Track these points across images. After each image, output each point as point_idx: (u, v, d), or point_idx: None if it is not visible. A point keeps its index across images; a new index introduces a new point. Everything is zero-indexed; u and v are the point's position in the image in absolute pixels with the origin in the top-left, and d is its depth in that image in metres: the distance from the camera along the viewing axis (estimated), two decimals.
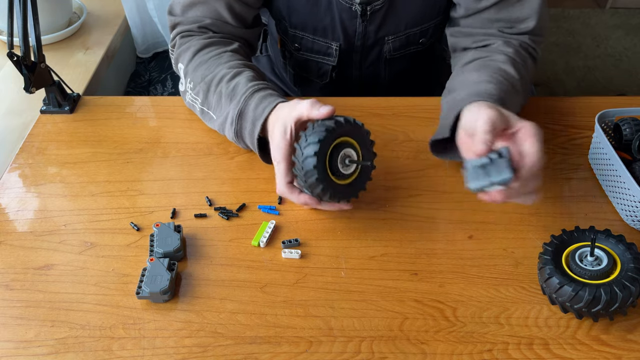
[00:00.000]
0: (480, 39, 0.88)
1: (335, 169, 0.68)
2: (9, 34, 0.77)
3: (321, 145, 0.65)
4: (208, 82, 0.81)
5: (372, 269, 0.68)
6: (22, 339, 0.61)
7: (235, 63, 0.83)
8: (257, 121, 0.75)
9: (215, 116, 0.81)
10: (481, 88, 0.75)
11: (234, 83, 0.79)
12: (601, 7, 2.69)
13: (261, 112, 0.75)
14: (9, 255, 0.70)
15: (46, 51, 0.85)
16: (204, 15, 0.87)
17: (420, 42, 0.98)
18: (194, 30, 0.88)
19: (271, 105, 0.75)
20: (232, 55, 0.85)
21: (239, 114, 0.76)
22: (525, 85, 0.83)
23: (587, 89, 2.21)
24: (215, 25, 0.88)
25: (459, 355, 0.60)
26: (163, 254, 0.67)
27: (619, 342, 0.61)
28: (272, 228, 0.72)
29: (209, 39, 0.87)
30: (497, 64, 0.81)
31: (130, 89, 1.34)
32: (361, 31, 0.93)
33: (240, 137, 0.78)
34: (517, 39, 0.86)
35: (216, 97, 0.80)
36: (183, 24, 0.88)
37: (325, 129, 0.66)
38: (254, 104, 0.76)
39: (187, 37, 0.88)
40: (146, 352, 0.60)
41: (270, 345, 0.61)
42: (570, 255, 0.63)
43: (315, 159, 0.65)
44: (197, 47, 0.85)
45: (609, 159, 0.75)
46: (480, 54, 0.85)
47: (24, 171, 0.81)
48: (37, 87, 0.84)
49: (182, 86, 0.87)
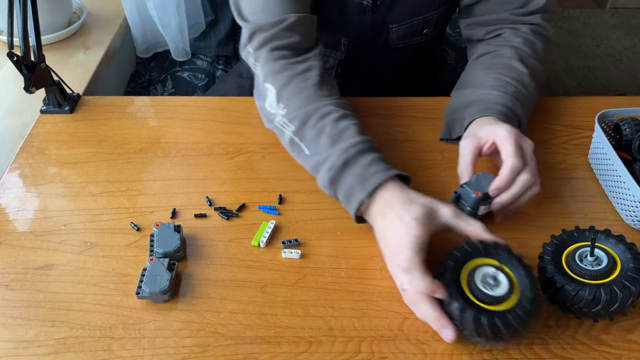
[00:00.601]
0: (492, 29, 0.90)
1: (479, 293, 0.59)
2: (9, 34, 0.77)
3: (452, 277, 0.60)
4: (308, 113, 0.74)
5: (372, 269, 0.68)
6: (22, 339, 0.61)
7: (337, 101, 0.76)
8: (365, 183, 0.67)
9: (310, 152, 0.74)
10: (487, 95, 0.80)
11: (341, 126, 0.72)
12: (601, 7, 2.69)
13: (371, 174, 0.68)
14: (9, 255, 0.70)
15: (46, 51, 0.85)
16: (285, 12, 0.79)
17: (424, 32, 0.98)
18: (280, 36, 0.79)
19: (387, 172, 0.68)
20: (331, 88, 0.79)
21: (343, 163, 0.69)
22: (537, 74, 0.85)
23: (587, 89, 2.21)
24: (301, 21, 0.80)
25: (459, 355, 0.60)
26: (163, 254, 0.67)
27: (619, 342, 0.61)
28: (272, 228, 0.72)
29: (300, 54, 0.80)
30: (504, 61, 0.84)
31: (130, 89, 1.34)
32: (369, 24, 0.93)
33: (333, 186, 0.71)
34: (527, 21, 0.88)
35: (314, 131, 0.73)
36: (264, 30, 0.79)
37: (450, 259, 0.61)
38: (365, 161, 0.69)
39: (276, 50, 0.79)
40: (146, 352, 0.60)
41: (270, 345, 0.61)
42: (570, 255, 0.63)
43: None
44: (294, 72, 0.77)
45: (609, 159, 0.75)
46: (489, 48, 0.88)
47: (24, 171, 0.81)
48: (37, 87, 0.84)
49: (272, 109, 0.78)
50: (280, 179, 0.80)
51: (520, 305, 0.57)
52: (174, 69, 1.39)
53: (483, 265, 0.60)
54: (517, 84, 0.81)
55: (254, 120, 0.89)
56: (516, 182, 0.69)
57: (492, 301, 0.58)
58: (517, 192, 0.69)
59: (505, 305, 0.58)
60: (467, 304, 0.57)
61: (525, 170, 0.70)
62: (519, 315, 0.56)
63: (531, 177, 0.70)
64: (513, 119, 0.78)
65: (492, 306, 0.58)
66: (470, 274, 0.60)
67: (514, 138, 0.70)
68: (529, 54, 0.85)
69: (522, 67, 0.83)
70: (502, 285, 0.59)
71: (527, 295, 0.57)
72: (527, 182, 0.69)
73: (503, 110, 0.77)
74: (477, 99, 0.80)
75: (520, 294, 0.58)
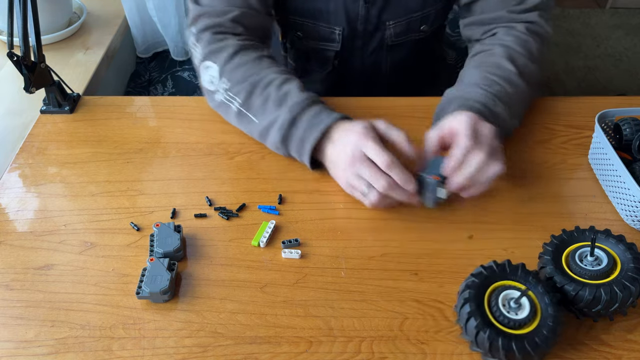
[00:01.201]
0: (488, 29, 0.91)
1: (502, 317, 0.58)
2: (9, 34, 0.77)
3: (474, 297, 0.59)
4: (253, 83, 0.79)
5: (372, 269, 0.68)
6: (22, 339, 0.61)
7: (279, 69, 0.82)
8: (313, 128, 0.75)
9: (257, 120, 0.79)
10: (470, 92, 0.81)
11: (285, 89, 0.78)
12: (601, 7, 2.69)
13: (319, 121, 0.75)
14: (9, 255, 0.70)
15: (46, 51, 0.85)
16: (233, 4, 0.84)
17: (421, 29, 0.98)
18: (225, 25, 0.84)
19: (333, 115, 0.76)
20: (271, 60, 0.84)
21: (291, 119, 0.76)
22: (528, 73, 0.85)
23: (587, 89, 2.21)
24: (246, 16, 0.86)
25: (459, 355, 0.60)
26: (163, 254, 0.67)
27: (619, 342, 0.61)
28: (272, 228, 0.72)
29: (244, 40, 0.85)
30: (493, 59, 0.85)
31: (130, 89, 1.34)
32: (364, 14, 0.93)
33: (285, 142, 0.77)
34: (523, 19, 0.88)
35: (261, 99, 0.79)
36: (210, 16, 0.84)
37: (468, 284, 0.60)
38: (312, 112, 0.76)
39: (220, 33, 0.84)
40: (146, 352, 0.60)
41: (270, 345, 0.61)
42: (570, 255, 0.63)
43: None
44: (236, 48, 0.83)
45: (609, 159, 0.75)
46: (483, 47, 0.89)
47: (24, 171, 0.81)
48: (37, 87, 0.84)
49: (212, 85, 0.83)
50: (280, 179, 0.80)
51: (538, 332, 0.56)
52: (174, 69, 1.39)
53: (504, 289, 0.59)
54: (503, 83, 0.81)
55: None
56: (469, 161, 0.70)
57: (517, 325, 0.56)
58: (471, 171, 0.69)
59: (530, 326, 0.57)
60: (485, 324, 0.56)
61: (478, 149, 0.70)
62: (545, 335, 0.55)
63: (484, 156, 0.69)
64: (489, 117, 0.77)
65: (517, 330, 0.56)
66: (493, 299, 0.58)
67: (469, 122, 0.71)
68: (520, 53, 0.85)
69: (510, 65, 0.83)
70: (524, 309, 0.58)
71: (547, 324, 0.56)
72: (480, 160, 0.69)
73: (479, 108, 0.77)
74: (461, 95, 0.81)
75: (541, 320, 0.57)
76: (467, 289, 0.59)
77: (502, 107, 0.79)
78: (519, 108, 0.85)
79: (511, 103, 0.81)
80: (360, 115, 0.81)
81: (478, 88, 0.80)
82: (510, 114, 0.81)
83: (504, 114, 0.79)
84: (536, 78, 0.87)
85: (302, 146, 0.76)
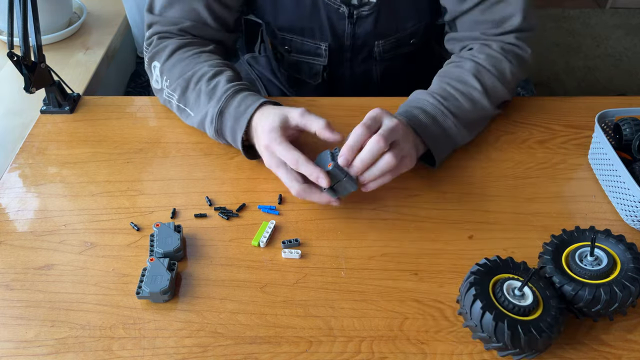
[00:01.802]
0: (465, 44, 0.90)
1: (507, 303, 0.58)
2: (9, 34, 0.77)
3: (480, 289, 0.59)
4: (187, 79, 0.82)
5: (372, 269, 0.68)
6: (22, 339, 0.61)
7: (214, 62, 0.84)
8: (240, 119, 0.76)
9: (193, 113, 0.82)
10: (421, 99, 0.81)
11: (214, 82, 0.80)
12: (601, 7, 2.69)
13: (243, 110, 0.76)
14: (9, 255, 0.70)
15: (46, 51, 0.85)
16: (183, 17, 0.87)
17: (411, 42, 0.98)
18: (172, 32, 0.88)
19: (255, 104, 0.76)
20: (210, 55, 0.86)
21: (219, 112, 0.78)
22: (494, 94, 0.84)
23: (587, 89, 2.21)
24: (195, 28, 0.88)
25: (459, 355, 0.60)
26: (163, 254, 0.67)
27: (619, 342, 0.61)
28: (272, 228, 0.72)
29: (186, 39, 0.87)
30: (459, 72, 0.84)
31: (130, 89, 1.34)
32: (350, 32, 0.93)
33: (221, 135, 0.79)
34: (499, 40, 0.86)
35: (194, 94, 0.81)
36: (161, 24, 0.88)
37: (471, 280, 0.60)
38: (235, 103, 0.77)
39: (165, 38, 0.88)
40: (146, 352, 0.60)
41: (270, 345, 0.61)
42: (570, 255, 0.63)
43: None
44: (175, 46, 0.85)
45: (609, 159, 0.75)
46: (454, 59, 0.88)
47: (24, 171, 0.81)
48: (37, 87, 0.84)
49: (158, 84, 0.87)
50: (280, 179, 0.79)
51: (543, 319, 0.56)
52: None
53: (507, 279, 0.60)
54: (460, 98, 0.81)
55: None
56: (365, 147, 0.67)
57: (522, 312, 0.57)
58: (367, 156, 0.67)
59: (534, 314, 0.57)
60: (490, 306, 0.56)
61: (374, 137, 0.67)
62: (541, 327, 0.56)
63: (381, 141, 0.67)
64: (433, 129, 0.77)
65: (522, 317, 0.57)
66: (497, 287, 0.59)
67: (373, 114, 0.70)
68: (489, 72, 0.83)
69: (475, 82, 0.82)
70: (528, 299, 0.58)
71: (551, 313, 0.57)
72: (376, 146, 0.67)
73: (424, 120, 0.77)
74: (412, 98, 0.82)
75: (544, 310, 0.57)
76: (472, 275, 0.60)
77: (452, 121, 0.79)
78: (473, 128, 0.83)
79: (464, 118, 0.80)
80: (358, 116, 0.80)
81: (430, 97, 0.80)
82: (460, 128, 0.80)
83: (452, 128, 0.79)
84: (503, 99, 0.86)
85: (234, 138, 0.78)
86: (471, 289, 0.58)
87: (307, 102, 0.92)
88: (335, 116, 0.89)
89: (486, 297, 0.58)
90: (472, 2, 0.85)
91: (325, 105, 0.92)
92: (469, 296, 0.58)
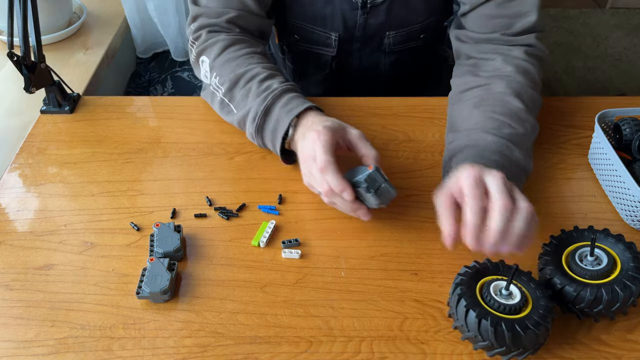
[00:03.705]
0: (483, 49, 0.84)
1: (493, 302, 0.58)
2: (9, 34, 0.77)
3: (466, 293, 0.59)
4: (238, 75, 0.80)
5: (372, 269, 0.68)
6: (22, 339, 0.61)
7: (268, 65, 0.82)
8: (281, 120, 0.74)
9: (236, 110, 0.80)
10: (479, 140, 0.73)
11: (267, 84, 0.78)
12: (601, 7, 2.69)
13: (288, 111, 0.74)
14: (9, 255, 0.70)
15: (46, 51, 0.85)
16: (229, 6, 0.86)
17: (421, 37, 0.98)
18: (221, 25, 0.86)
19: (301, 106, 0.74)
20: (262, 57, 0.84)
21: (264, 110, 0.76)
22: (534, 105, 0.79)
23: (587, 89, 2.21)
24: (242, 17, 0.86)
25: (459, 355, 0.60)
26: (163, 254, 0.67)
27: (619, 342, 0.61)
28: (272, 228, 0.72)
29: (237, 35, 0.86)
30: (496, 96, 0.77)
31: (130, 89, 1.34)
32: (362, 23, 0.93)
33: (260, 133, 0.77)
34: (519, 43, 0.82)
35: (243, 92, 0.79)
36: (207, 16, 0.86)
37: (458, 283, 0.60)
38: (282, 102, 0.76)
39: (215, 32, 0.86)
40: (146, 352, 0.60)
41: (270, 345, 0.61)
42: (570, 256, 0.63)
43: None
44: (227, 43, 0.84)
45: (609, 159, 0.75)
46: (479, 81, 0.81)
47: (24, 171, 0.81)
48: (37, 87, 0.84)
49: (207, 79, 0.85)
50: (280, 179, 0.80)
51: (529, 317, 0.56)
52: (174, 69, 1.39)
53: (495, 281, 0.60)
54: (513, 123, 0.74)
55: None
56: (494, 217, 0.60)
57: (508, 310, 0.57)
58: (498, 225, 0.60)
59: (521, 314, 0.57)
60: (475, 305, 0.57)
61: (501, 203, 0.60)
62: (536, 320, 0.56)
63: (509, 202, 0.60)
64: (509, 167, 0.70)
65: (508, 315, 0.57)
66: (485, 288, 0.59)
67: (472, 179, 0.62)
68: (524, 84, 0.79)
69: (517, 102, 0.76)
70: (516, 296, 0.58)
71: (539, 312, 0.57)
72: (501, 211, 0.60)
73: (499, 161, 0.70)
74: (471, 143, 0.73)
75: (533, 308, 0.58)
76: (459, 276, 0.61)
77: (518, 150, 0.72)
78: (529, 145, 0.77)
79: (523, 143, 0.74)
80: (361, 116, 0.81)
81: (488, 135, 0.72)
82: (525, 156, 0.73)
83: (520, 158, 0.72)
84: (540, 107, 0.82)
85: (274, 136, 0.76)
86: (457, 289, 0.59)
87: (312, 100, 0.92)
88: (340, 116, 0.89)
89: (471, 296, 0.58)
90: None
91: (325, 105, 0.92)
92: (455, 296, 0.59)
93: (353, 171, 0.70)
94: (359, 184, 0.67)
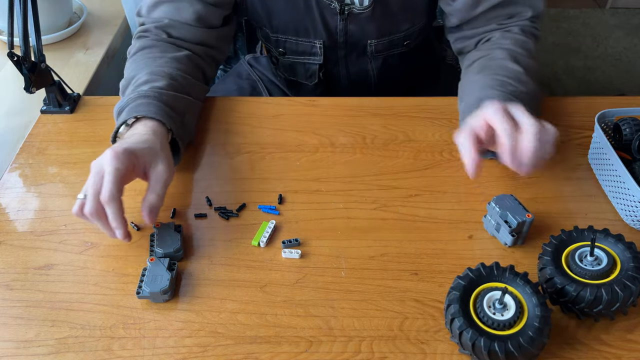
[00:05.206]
0: (481, 37, 0.90)
1: (486, 318, 0.57)
2: (9, 34, 0.77)
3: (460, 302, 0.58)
4: (128, 80, 0.82)
5: (372, 269, 0.68)
6: (22, 339, 0.61)
7: (160, 70, 0.81)
8: (123, 117, 0.75)
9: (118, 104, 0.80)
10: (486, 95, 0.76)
11: (140, 87, 0.79)
12: (601, 7, 2.69)
13: (130, 110, 0.75)
14: (9, 255, 0.70)
15: (46, 51, 0.85)
16: (165, 16, 0.87)
17: (405, 44, 0.98)
18: (150, 31, 0.87)
19: (142, 112, 0.74)
20: (168, 61, 0.83)
21: (126, 102, 0.77)
22: (533, 72, 0.83)
23: (587, 89, 2.22)
24: (173, 26, 0.87)
25: (459, 355, 0.60)
26: (163, 254, 0.67)
27: (619, 342, 0.61)
28: (272, 228, 0.72)
29: (156, 40, 0.86)
30: (497, 62, 0.83)
31: None
32: (342, 29, 0.93)
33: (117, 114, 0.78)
34: (515, 24, 0.88)
35: (127, 99, 0.78)
36: (145, 25, 0.88)
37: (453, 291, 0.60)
38: (135, 103, 0.76)
39: (141, 37, 0.87)
40: (146, 352, 0.60)
41: (270, 345, 0.61)
42: (570, 256, 0.63)
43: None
44: (141, 45, 0.85)
45: (609, 159, 0.75)
46: (480, 54, 0.87)
47: (24, 171, 0.81)
48: (38, 87, 0.84)
49: None
50: (280, 179, 0.80)
51: (523, 333, 0.55)
52: None
53: (489, 290, 0.59)
54: (515, 83, 0.79)
55: (254, 120, 0.89)
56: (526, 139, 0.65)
57: (502, 326, 0.56)
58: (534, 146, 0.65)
59: (516, 327, 0.56)
60: (468, 324, 0.56)
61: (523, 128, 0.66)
62: (530, 336, 0.55)
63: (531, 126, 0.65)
64: None
65: (502, 331, 0.56)
66: (478, 301, 0.58)
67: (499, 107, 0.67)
68: (521, 53, 0.84)
69: (516, 66, 0.81)
70: (510, 310, 0.57)
71: (534, 324, 0.56)
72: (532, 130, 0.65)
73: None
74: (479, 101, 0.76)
75: (528, 320, 0.56)
76: (452, 291, 0.59)
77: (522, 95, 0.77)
78: (533, 107, 0.79)
79: (526, 102, 0.76)
80: (360, 116, 0.80)
81: (493, 90, 0.77)
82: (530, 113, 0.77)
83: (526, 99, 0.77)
84: (538, 76, 0.86)
85: (116, 119, 0.78)
86: (450, 307, 0.58)
87: (307, 102, 0.92)
88: (334, 116, 0.89)
89: (465, 314, 0.57)
90: (485, 6, 0.86)
91: (325, 105, 0.92)
92: (448, 315, 0.58)
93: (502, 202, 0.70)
94: None
